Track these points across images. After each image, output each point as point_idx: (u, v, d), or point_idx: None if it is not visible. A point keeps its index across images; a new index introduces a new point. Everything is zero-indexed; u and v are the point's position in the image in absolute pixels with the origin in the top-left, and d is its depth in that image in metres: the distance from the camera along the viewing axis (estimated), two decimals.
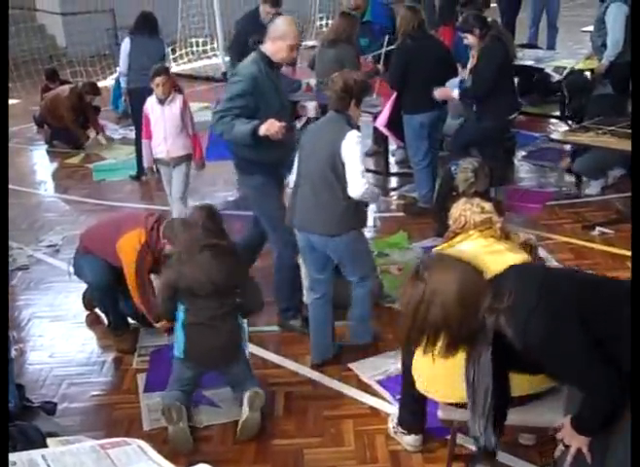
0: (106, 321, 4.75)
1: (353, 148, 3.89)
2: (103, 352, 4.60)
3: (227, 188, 7.29)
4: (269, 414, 3.88)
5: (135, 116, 7.51)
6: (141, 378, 4.28)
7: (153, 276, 4.50)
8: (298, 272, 4.64)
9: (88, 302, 5.00)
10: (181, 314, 3.81)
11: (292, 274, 4.62)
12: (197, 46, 12.72)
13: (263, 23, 7.26)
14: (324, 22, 14.17)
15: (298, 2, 14.43)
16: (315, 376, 4.17)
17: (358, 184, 3.89)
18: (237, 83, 4.22)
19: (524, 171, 7.27)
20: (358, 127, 4.08)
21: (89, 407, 4.09)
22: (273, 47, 4.26)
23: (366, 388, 4.07)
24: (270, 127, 4.10)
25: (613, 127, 5.80)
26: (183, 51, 12.56)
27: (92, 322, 4.94)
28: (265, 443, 3.71)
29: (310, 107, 4.50)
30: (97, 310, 4.93)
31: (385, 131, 6.76)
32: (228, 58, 8.09)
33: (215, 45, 12.41)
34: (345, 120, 4.00)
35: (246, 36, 7.00)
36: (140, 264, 4.34)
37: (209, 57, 12.70)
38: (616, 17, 6.86)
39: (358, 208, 4.04)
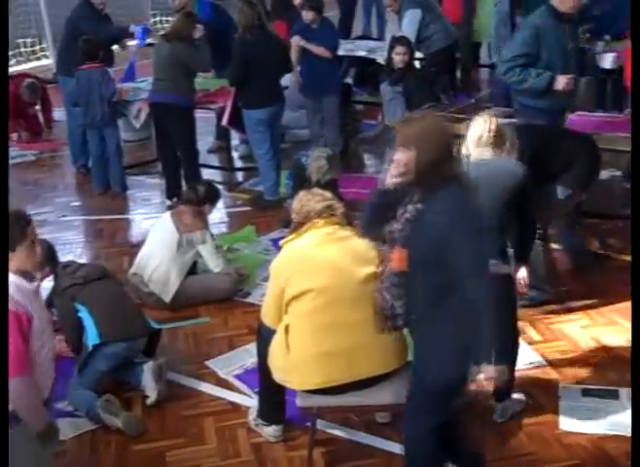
0: None
1: None
2: None
3: (67, 193, 7.08)
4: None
5: None
6: None
7: None
8: None
9: None
10: (83, 309, 3.94)
11: None
12: (25, 46, 12.20)
13: (99, 13, 7.11)
14: (158, 19, 13.96)
15: None
16: (172, 376, 4.12)
17: None
18: (521, 32, 4.75)
19: (366, 158, 7.48)
20: None
21: None
22: None
23: (224, 384, 4.07)
24: (568, 82, 4.74)
25: (444, 113, 6.08)
26: (10, 52, 11.99)
27: None
28: (124, 449, 3.64)
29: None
30: None
31: (232, 129, 6.81)
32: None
33: (44, 45, 11.95)
34: None
35: (81, 29, 6.82)
36: None
37: (39, 58, 12.22)
38: (408, 23, 7.35)
39: None
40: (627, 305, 4.54)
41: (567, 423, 3.59)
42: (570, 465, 3.35)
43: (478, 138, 3.51)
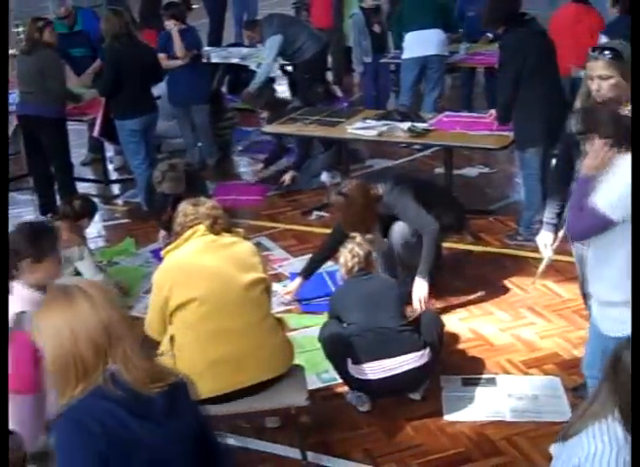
0: None
1: None
2: None
3: None
4: None
5: None
6: None
7: None
8: None
9: None
10: None
11: None
12: None
13: None
14: (21, 29, 13.49)
15: None
16: None
17: None
18: None
19: (243, 165, 7.49)
20: None
21: None
22: None
23: None
24: None
25: (318, 117, 6.18)
26: None
27: None
28: None
29: None
30: None
31: (105, 140, 6.69)
32: None
33: None
34: None
35: None
36: None
37: None
38: (268, 50, 7.50)
39: None
40: (501, 295, 4.77)
41: (450, 413, 3.72)
42: (455, 453, 3.47)
43: (349, 269, 3.88)
